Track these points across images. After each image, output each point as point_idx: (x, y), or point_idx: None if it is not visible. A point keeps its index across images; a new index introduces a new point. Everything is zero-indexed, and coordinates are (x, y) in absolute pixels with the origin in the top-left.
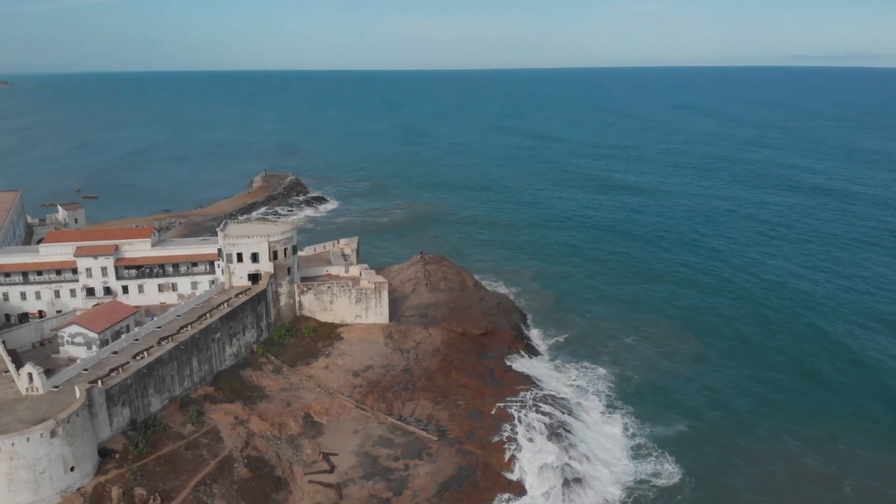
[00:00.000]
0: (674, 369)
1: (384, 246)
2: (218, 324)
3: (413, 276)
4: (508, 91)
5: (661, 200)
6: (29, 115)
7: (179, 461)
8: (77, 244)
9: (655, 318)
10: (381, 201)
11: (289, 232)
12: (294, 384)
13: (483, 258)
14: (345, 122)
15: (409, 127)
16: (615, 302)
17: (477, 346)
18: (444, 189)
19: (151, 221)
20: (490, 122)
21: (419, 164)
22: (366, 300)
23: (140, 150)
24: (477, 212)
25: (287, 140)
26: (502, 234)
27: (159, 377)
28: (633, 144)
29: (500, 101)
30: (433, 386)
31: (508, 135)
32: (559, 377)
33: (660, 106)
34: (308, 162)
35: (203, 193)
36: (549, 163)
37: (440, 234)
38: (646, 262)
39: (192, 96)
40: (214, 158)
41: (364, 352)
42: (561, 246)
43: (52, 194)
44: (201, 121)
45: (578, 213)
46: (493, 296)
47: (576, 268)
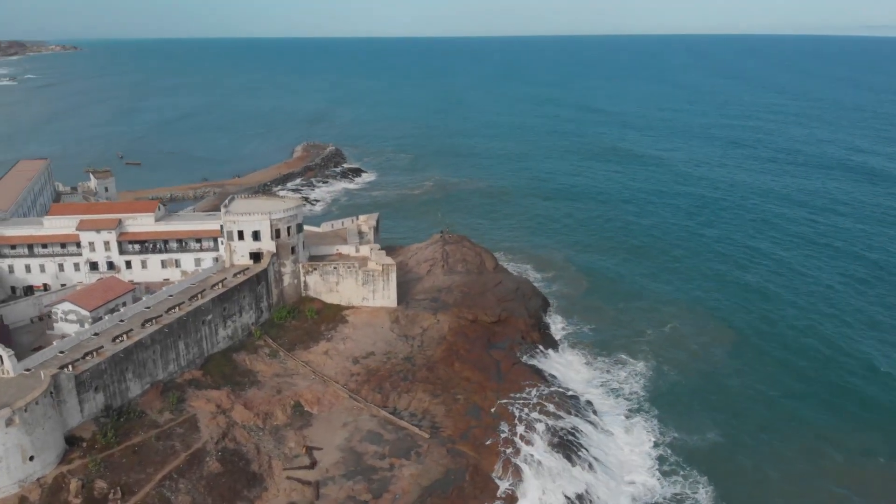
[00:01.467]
0: (708, 371)
1: (409, 222)
2: (209, 305)
3: (430, 257)
4: (559, 59)
5: (716, 185)
6: (88, 79)
7: (148, 452)
8: (80, 217)
9: (694, 313)
10: (416, 174)
11: (293, 210)
12: (289, 370)
13: (513, 238)
14: (391, 92)
15: (452, 97)
16: (651, 292)
17: (487, 334)
18: (480, 162)
19: (187, 191)
20: (535, 92)
21: (457, 136)
22: (373, 282)
23: (187, 116)
24: (512, 188)
25: (332, 109)
26: (538, 212)
27: (139, 361)
28: (684, 119)
29: (549, 69)
30: (433, 377)
31: (552, 106)
32: (575, 372)
33: (715, 76)
34: (350, 132)
35: (244, 162)
36: (590, 136)
37: (471, 209)
38: (690, 251)
39: (245, 63)
40: (260, 127)
41: (368, 337)
42: (600, 227)
43: (97, 160)
44: (250, 88)
45: (619, 193)
46: (513, 280)
47: (614, 252)
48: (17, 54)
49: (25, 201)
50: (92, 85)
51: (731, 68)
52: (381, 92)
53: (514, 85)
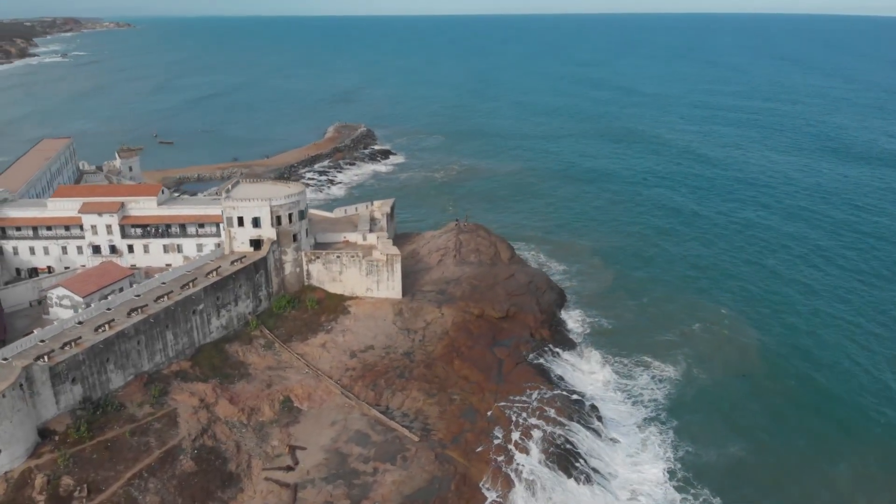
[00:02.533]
0: (737, 380)
1: (429, 208)
2: (201, 294)
3: (442, 246)
4: (603, 38)
5: (762, 177)
6: (132, 56)
7: (121, 448)
8: (84, 200)
9: (726, 313)
10: (445, 156)
11: (295, 196)
12: (283, 362)
13: (538, 227)
14: (426, 71)
15: (487, 77)
16: (681, 288)
17: (493, 330)
18: (510, 145)
19: (215, 171)
20: (573, 71)
21: (490, 117)
22: (377, 272)
23: (223, 95)
24: (543, 172)
25: (366, 88)
26: (568, 199)
27: (122, 352)
28: (727, 102)
29: (591, 48)
30: (431, 375)
31: (590, 86)
32: (587, 374)
33: (764, 58)
34: (383, 112)
35: (276, 143)
36: (626, 119)
37: (496, 195)
38: (727, 247)
39: (286, 40)
40: (294, 106)
41: (368, 329)
42: (632, 217)
43: (132, 138)
44: (287, 66)
45: (655, 181)
46: (527, 272)
47: (644, 244)
48: (73, 31)
49: (40, 182)
50: (134, 62)
51: (781, 49)
52: (417, 71)
53: (553, 64)
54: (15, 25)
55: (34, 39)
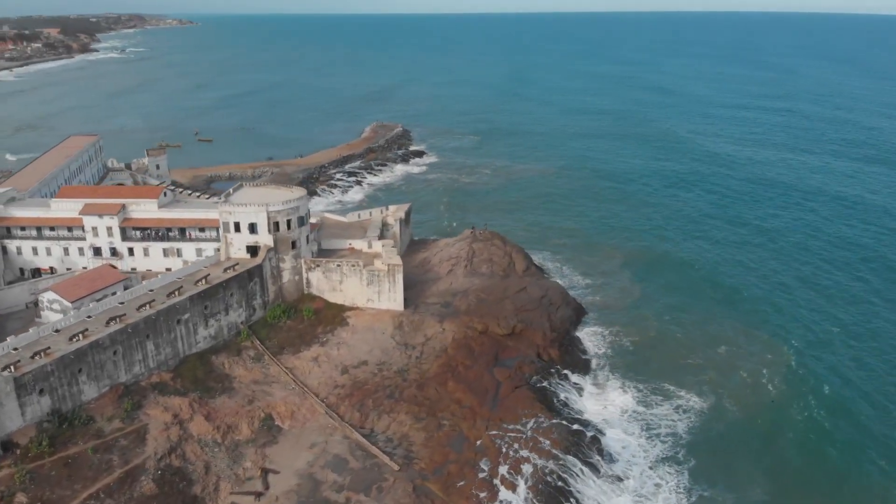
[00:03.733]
0: (764, 413)
1: (453, 213)
2: (186, 303)
3: (454, 255)
4: (652, 36)
5: (809, 193)
6: (186, 53)
7: (81, 466)
8: (85, 201)
9: (759, 336)
10: (478, 158)
11: (294, 202)
12: (270, 376)
13: (565, 234)
14: (468, 70)
15: (528, 76)
16: (712, 307)
17: (495, 348)
18: (544, 148)
19: (246, 170)
20: (615, 71)
21: (527, 118)
22: (378, 283)
23: (266, 93)
24: (576, 177)
25: (406, 87)
26: (600, 207)
27: (96, 363)
28: (774, 107)
29: (638, 47)
30: (422, 397)
31: (630, 88)
32: (594, 400)
33: (819, 59)
34: (421, 111)
35: (313, 142)
36: (663, 123)
37: (526, 200)
38: (773, 261)
39: (335, 38)
40: (335, 105)
41: (365, 343)
42: (669, 228)
43: (171, 135)
44: (333, 64)
45: (693, 193)
46: (541, 286)
47: (678, 258)
48: (136, 27)
49: (56, 180)
50: (185, 59)
51: (835, 50)
52: (458, 69)
53: (596, 63)
54: (81, 21)
55: (97, 35)
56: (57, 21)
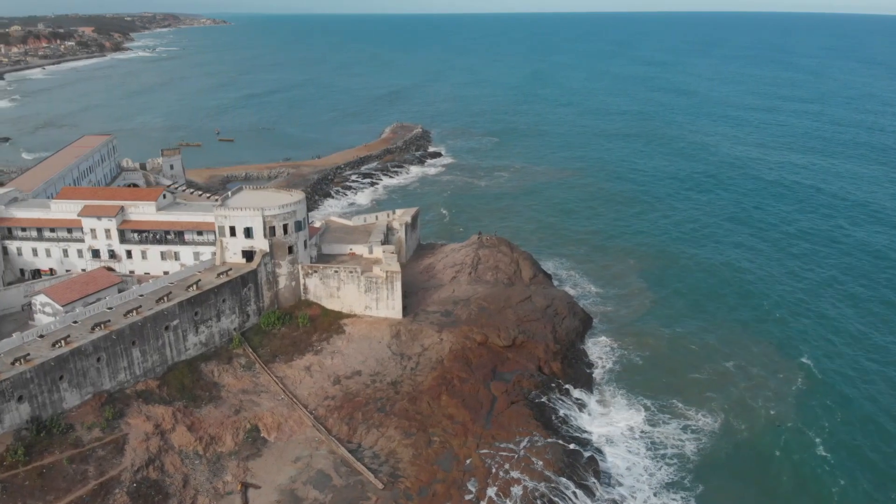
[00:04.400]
0: (776, 434)
1: (464, 217)
2: (175, 309)
3: (459, 262)
4: (681, 36)
5: (833, 206)
6: (215, 52)
7: (56, 476)
8: (85, 203)
9: (771, 352)
10: (496, 160)
11: (290, 206)
12: (259, 386)
13: (580, 241)
14: (491, 70)
15: (551, 77)
16: (726, 320)
17: (494, 361)
18: (563, 150)
19: (263, 170)
20: (639, 72)
21: (546, 120)
22: (376, 290)
23: (289, 92)
24: (595, 181)
25: (427, 88)
26: (618, 211)
27: (78, 370)
28: (800, 110)
29: (665, 47)
30: (413, 411)
31: (650, 89)
32: (596, 418)
33: (852, 62)
34: (441, 111)
35: (332, 142)
36: (685, 127)
37: (541, 204)
38: (793, 275)
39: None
40: (356, 105)
41: (360, 352)
42: (687, 236)
43: (193, 134)
44: (356, 63)
45: (711, 199)
46: (546, 295)
47: (695, 267)
48: (170, 26)
49: (62, 180)
50: (213, 58)
51: (867, 52)
52: (480, 70)
53: (620, 63)
54: (116, 20)
55: (131, 34)
56: (93, 20)
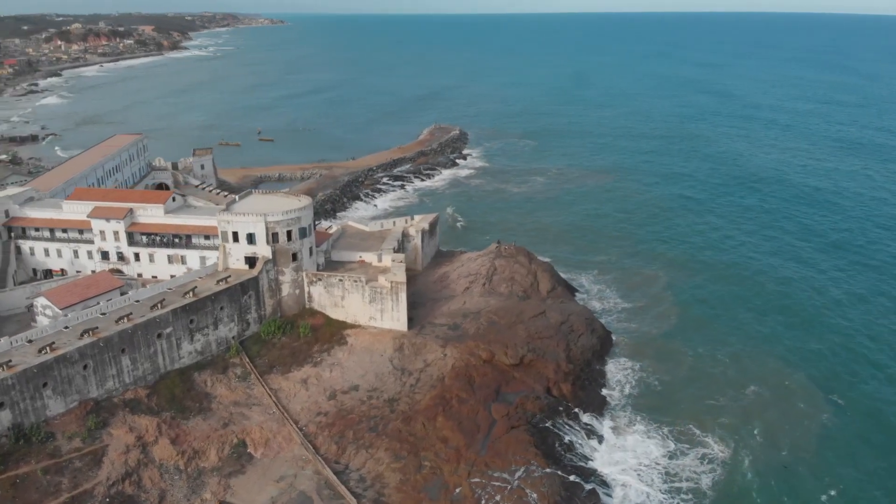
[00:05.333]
0: (799, 468)
1: (490, 223)
2: (168, 317)
3: (474, 272)
4: (736, 37)
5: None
6: (266, 52)
7: (28, 487)
8: (95, 204)
9: (801, 378)
10: (532, 163)
11: (295, 212)
12: (252, 398)
13: (612, 250)
14: (537, 70)
15: (592, 79)
16: (755, 340)
17: (499, 380)
18: (601, 154)
19: (296, 171)
20: (685, 74)
21: (586, 123)
22: (381, 300)
23: (332, 91)
24: (632, 188)
25: (470, 88)
26: (653, 219)
27: (63, 377)
28: (855, 119)
29: (716, 48)
30: (406, 432)
31: (696, 91)
32: (606, 448)
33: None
34: (481, 112)
35: (369, 142)
36: (730, 133)
37: (573, 210)
38: (833, 297)
39: (417, 38)
40: (398, 105)
41: (360, 365)
42: (724, 249)
43: (233, 133)
44: (401, 64)
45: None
46: (563, 310)
47: (732, 281)
48: (229, 26)
49: (84, 180)
50: (263, 57)
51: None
52: (523, 70)
53: (667, 65)
54: (177, 20)
55: (190, 34)
56: (154, 19)
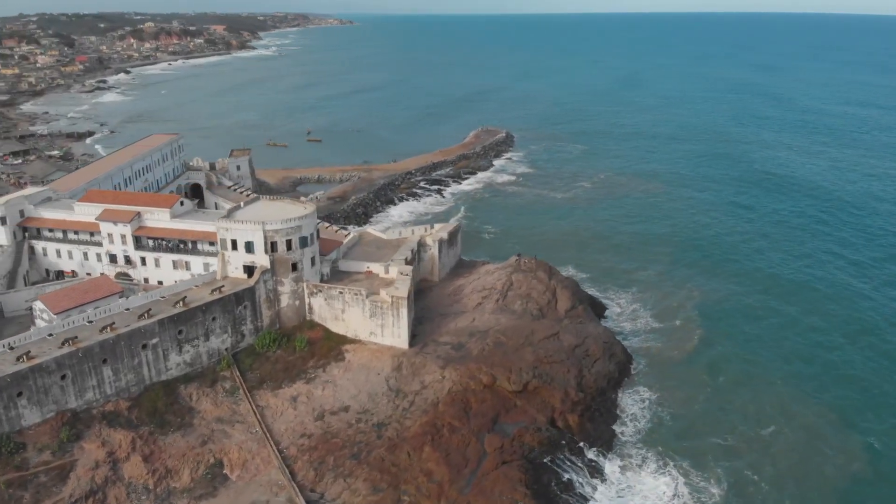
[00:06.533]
0: None
1: (521, 232)
2: (155, 327)
3: (489, 286)
4: (806, 40)
5: None
6: (329, 52)
7: None
8: (105, 206)
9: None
10: (578, 170)
11: (295, 220)
12: (237, 414)
13: (648, 265)
14: (590, 71)
15: (644, 80)
16: (782, 370)
17: (498, 408)
18: (650, 162)
19: (335, 173)
20: (740, 76)
21: (637, 128)
22: (382, 316)
23: (384, 91)
24: (680, 197)
25: (523, 89)
26: (700, 234)
27: (39, 387)
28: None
29: (779, 49)
30: (390, 461)
31: (753, 95)
32: (608, 489)
33: None
34: (531, 114)
35: (414, 144)
36: (790, 145)
37: (611, 221)
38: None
39: (480, 38)
40: (450, 106)
41: (355, 384)
42: (778, 268)
43: (283, 133)
44: (455, 64)
45: (819, 232)
46: (579, 332)
47: (780, 305)
48: (299, 26)
49: (109, 181)
50: (325, 57)
51: None
52: (577, 71)
53: (724, 66)
54: (249, 20)
55: (260, 33)
56: (227, 18)
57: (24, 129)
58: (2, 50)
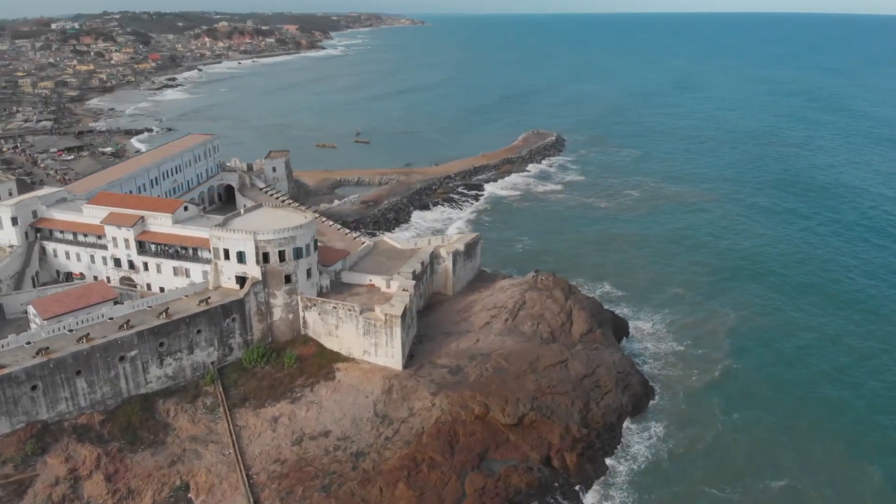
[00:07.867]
0: None
1: (554, 245)
2: (133, 339)
3: (500, 304)
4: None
5: None
6: (394, 51)
7: None
8: (110, 210)
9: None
10: (626, 176)
11: (289, 231)
12: (213, 434)
13: (687, 284)
14: (651, 72)
15: (699, 83)
16: (815, 419)
17: (488, 443)
18: (703, 170)
19: (374, 175)
20: (802, 78)
21: (691, 132)
22: (375, 334)
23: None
24: (732, 210)
25: (580, 90)
26: (747, 251)
27: (9, 398)
28: None
29: (850, 51)
30: (360, 497)
31: (817, 100)
32: None
33: None
34: (585, 116)
35: (460, 147)
36: (857, 161)
37: (656, 235)
38: None
39: (545, 37)
40: (505, 106)
41: (341, 407)
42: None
43: (332, 134)
44: (521, 64)
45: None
46: (590, 360)
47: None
48: (372, 26)
49: (133, 182)
50: (387, 56)
51: None
52: (635, 71)
53: (788, 69)
54: (323, 20)
55: (331, 33)
56: (302, 18)
57: (84, 125)
58: (79, 46)
